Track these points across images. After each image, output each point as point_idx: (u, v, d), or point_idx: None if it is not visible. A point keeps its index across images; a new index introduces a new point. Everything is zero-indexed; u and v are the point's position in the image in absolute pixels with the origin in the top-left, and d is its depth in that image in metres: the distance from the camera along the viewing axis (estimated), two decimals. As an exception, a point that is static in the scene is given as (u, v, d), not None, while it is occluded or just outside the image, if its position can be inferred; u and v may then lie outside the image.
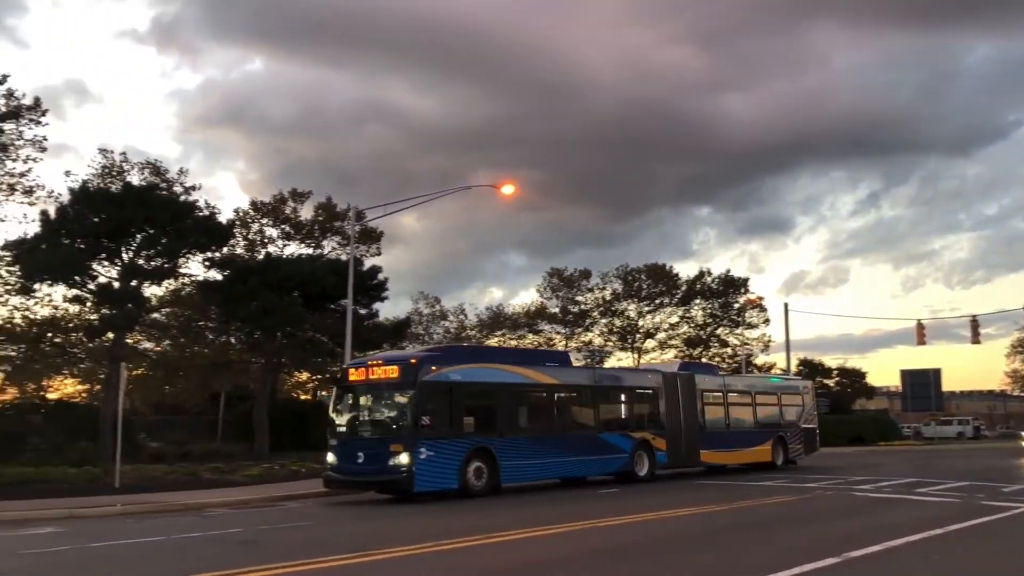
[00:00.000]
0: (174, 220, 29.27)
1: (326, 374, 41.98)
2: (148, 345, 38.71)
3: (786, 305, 49.28)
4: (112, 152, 33.63)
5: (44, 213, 28.04)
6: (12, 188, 28.84)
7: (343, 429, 19.20)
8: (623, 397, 24.57)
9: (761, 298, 64.60)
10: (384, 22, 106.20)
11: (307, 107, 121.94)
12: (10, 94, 28.24)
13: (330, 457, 18.98)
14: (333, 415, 19.59)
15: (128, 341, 30.16)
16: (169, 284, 33.37)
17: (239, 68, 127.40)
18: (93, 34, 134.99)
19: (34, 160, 29.06)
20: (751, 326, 64.23)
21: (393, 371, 18.64)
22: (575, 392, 23.18)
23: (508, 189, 27.57)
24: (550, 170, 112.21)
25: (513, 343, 59.75)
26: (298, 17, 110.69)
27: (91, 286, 29.01)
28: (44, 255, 26.69)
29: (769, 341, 63.73)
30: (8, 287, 29.01)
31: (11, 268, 28.34)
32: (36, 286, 28.73)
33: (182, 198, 31.89)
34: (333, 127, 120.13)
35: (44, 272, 27.47)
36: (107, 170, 32.71)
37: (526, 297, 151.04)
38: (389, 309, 72.97)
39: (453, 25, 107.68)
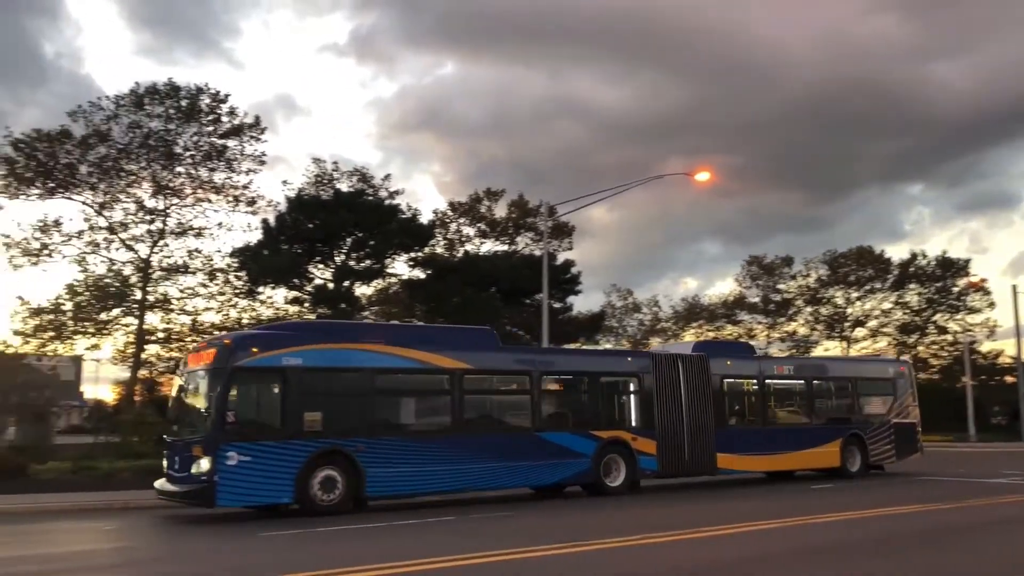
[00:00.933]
0: (380, 223, 31.71)
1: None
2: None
3: (1014, 287, 44.31)
4: (324, 161, 36.48)
5: (265, 221, 31.07)
6: (237, 200, 30.69)
7: (173, 428, 15.35)
8: (582, 386, 18.71)
9: (984, 280, 55.68)
10: (569, 16, 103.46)
11: (497, 107, 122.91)
12: (232, 112, 29.91)
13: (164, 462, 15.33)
14: (169, 410, 15.84)
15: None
16: (377, 284, 35.84)
17: (431, 73, 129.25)
18: (299, 51, 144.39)
19: (255, 172, 30.93)
20: (973, 311, 56.67)
21: (209, 355, 14.45)
22: (498, 381, 17.91)
23: (703, 176, 25.64)
24: (744, 154, 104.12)
25: (711, 335, 55.78)
26: (485, 18, 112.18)
27: (308, 288, 31.69)
28: (266, 260, 29.69)
29: (995, 326, 56.09)
30: (236, 291, 31.12)
31: (239, 273, 30.66)
32: (260, 289, 31.25)
33: (387, 202, 34.03)
34: (522, 125, 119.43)
35: (267, 275, 30.26)
36: (319, 179, 35.24)
37: (723, 287, 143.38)
38: (583, 303, 72.98)
39: (639, 13, 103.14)
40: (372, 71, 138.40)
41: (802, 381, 21.66)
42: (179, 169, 29.79)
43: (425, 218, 37.68)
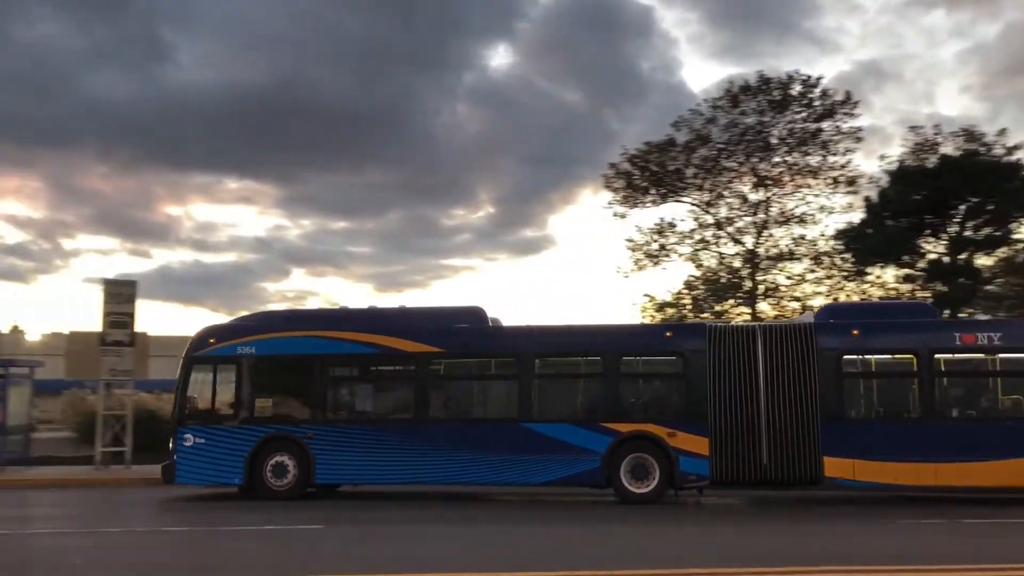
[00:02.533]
0: (998, 184, 28.65)
1: None
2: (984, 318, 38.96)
3: None
4: (922, 128, 33.40)
5: (867, 199, 30.10)
6: (836, 181, 30.66)
7: None
8: (592, 369, 15.11)
9: None
10: None
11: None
12: (824, 93, 30.02)
13: None
14: None
15: (963, 315, 29.70)
16: (1002, 252, 31.82)
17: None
18: (882, 15, 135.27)
19: (851, 151, 30.52)
20: None
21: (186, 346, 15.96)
22: (478, 364, 15.71)
23: None
24: None
25: None
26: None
27: (920, 264, 30.32)
28: (871, 239, 28.88)
29: None
30: (844, 274, 31.25)
31: (844, 256, 30.65)
32: (868, 269, 30.84)
33: (1004, 159, 30.40)
34: None
35: (873, 255, 29.58)
36: (919, 147, 32.57)
37: None
38: None
39: None
40: (969, 15, 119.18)
41: (989, 361, 13.66)
42: (776, 159, 30.17)
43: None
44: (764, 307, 29.48)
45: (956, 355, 14.19)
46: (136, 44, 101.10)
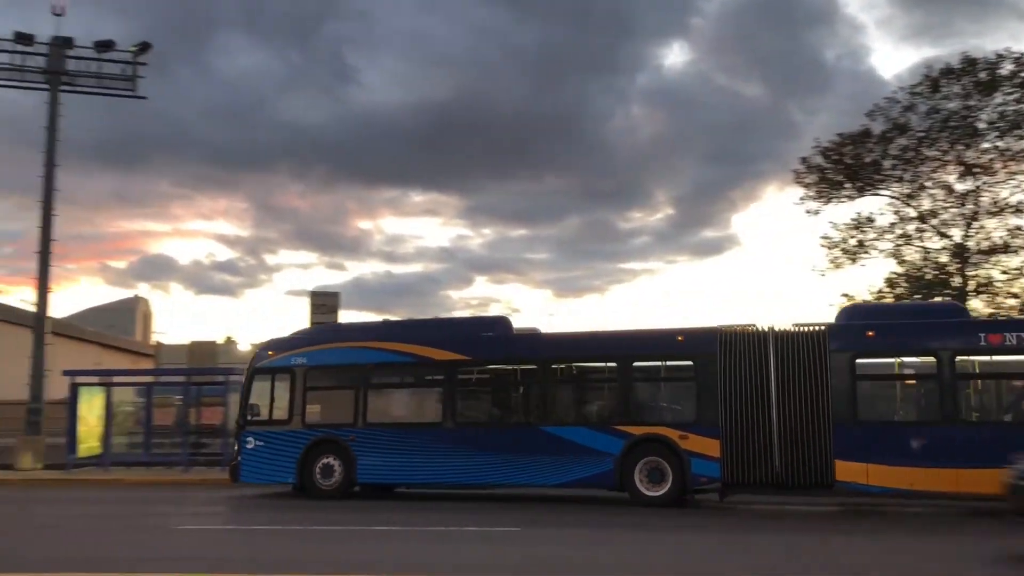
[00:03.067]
0: None
1: None
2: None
3: None
4: None
5: None
6: None
7: None
8: (606, 374, 15.50)
9: None
10: None
11: None
12: None
13: None
14: None
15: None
16: None
17: None
18: None
19: None
20: None
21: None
22: (500, 370, 16.17)
23: None
24: None
25: None
26: None
27: None
28: None
29: None
30: None
31: None
32: None
33: None
34: None
35: None
36: None
37: None
38: None
39: None
40: None
41: None
42: (984, 145, 28.16)
43: None
44: (976, 304, 27.47)
45: (981, 356, 13.37)
46: (325, 69, 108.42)
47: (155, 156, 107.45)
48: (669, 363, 15.18)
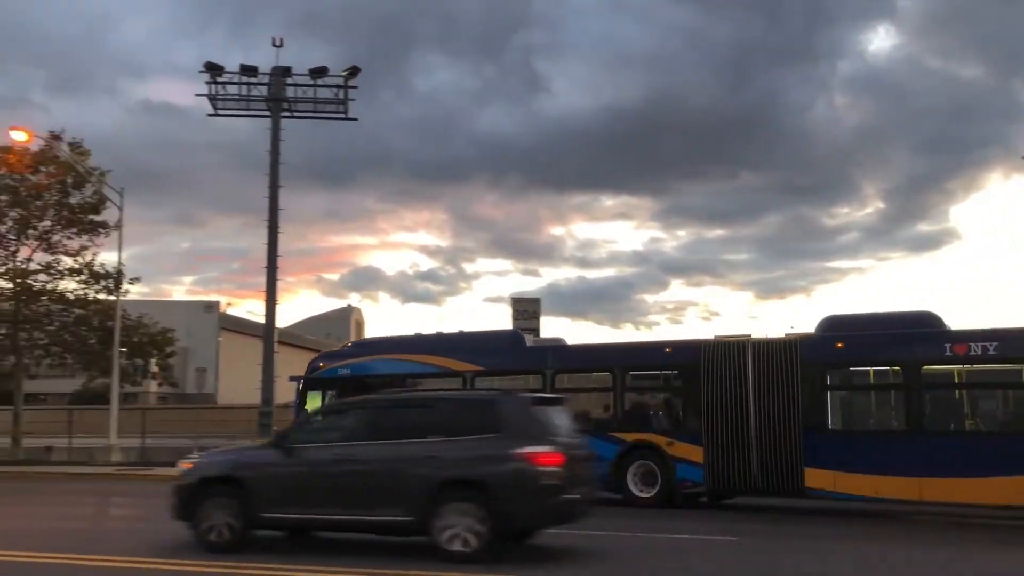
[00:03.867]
0: None
1: None
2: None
3: None
4: None
5: None
6: None
7: None
8: (605, 384, 16.31)
9: None
10: None
11: None
12: None
13: None
14: None
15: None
16: None
17: None
18: None
19: None
20: None
21: (305, 371, 19.42)
22: (510, 380, 17.31)
23: None
24: None
25: None
26: None
27: None
28: None
29: None
30: None
31: None
32: None
33: None
34: None
35: None
36: None
37: None
38: None
39: None
40: None
41: (1012, 367, 12.66)
42: None
43: None
44: None
45: (945, 367, 13.60)
46: (516, 79, 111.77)
47: (361, 174, 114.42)
48: (658, 373, 16.16)
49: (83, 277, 29.98)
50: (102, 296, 30.28)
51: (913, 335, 13.85)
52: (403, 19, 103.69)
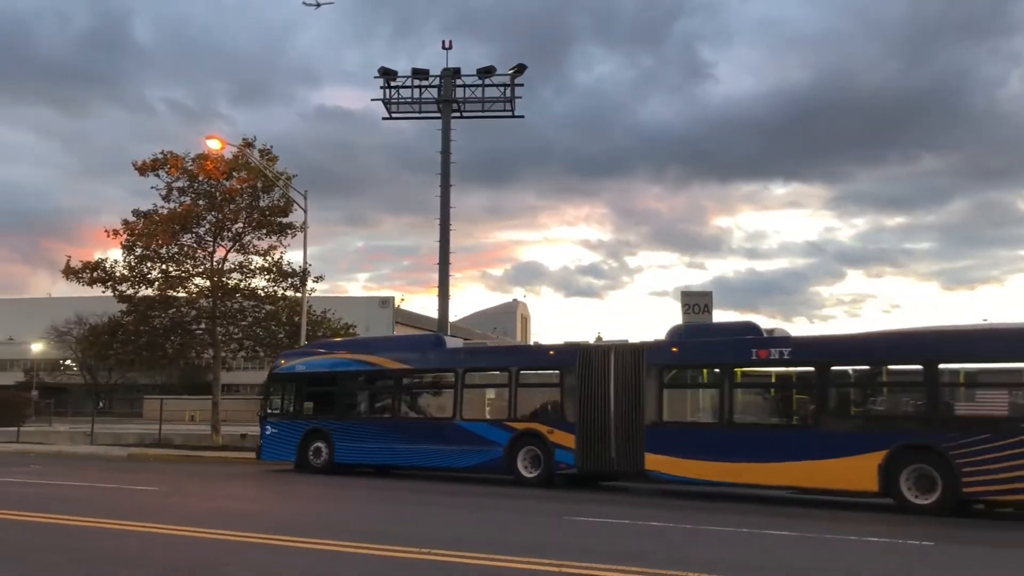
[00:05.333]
0: None
1: None
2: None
3: None
4: None
5: None
6: None
7: None
8: (500, 381, 19.49)
9: None
10: None
11: None
12: None
13: None
14: None
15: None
16: None
17: None
18: None
19: None
20: None
21: (273, 366, 23.16)
22: (429, 376, 20.84)
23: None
24: None
25: None
26: None
27: None
28: None
29: None
30: None
31: None
32: None
33: None
34: None
35: None
36: None
37: None
38: None
39: None
40: None
41: (810, 368, 15.47)
42: None
43: None
44: None
45: (751, 368, 16.47)
46: (677, 68, 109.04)
47: (523, 170, 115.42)
48: (544, 372, 19.28)
49: (272, 275, 32.07)
50: (289, 293, 32.35)
51: (729, 342, 16.76)
52: (559, 14, 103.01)
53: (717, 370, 16.72)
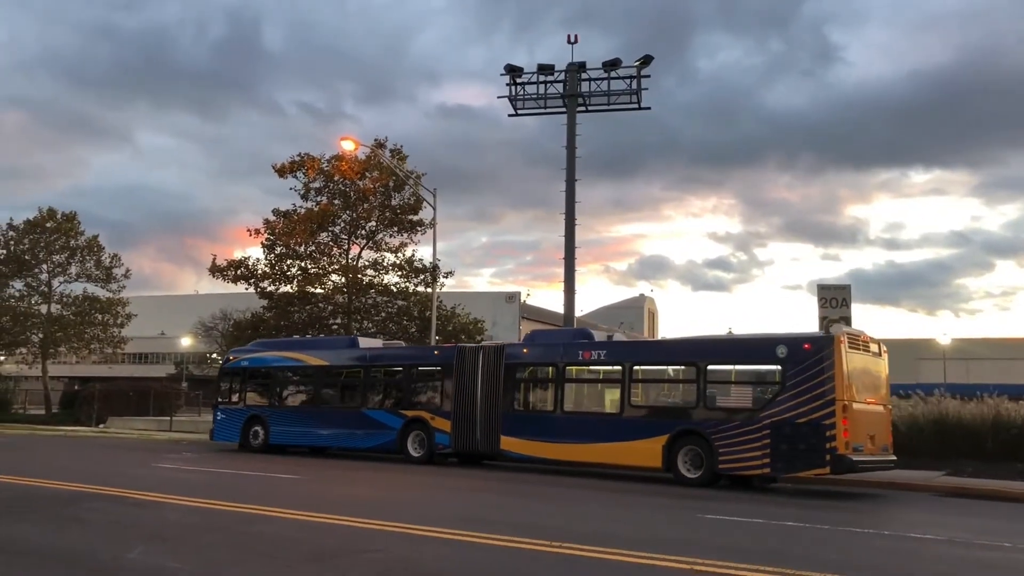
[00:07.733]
0: None
1: None
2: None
3: None
4: None
5: None
6: None
7: None
8: (396, 376, 23.42)
9: None
10: None
11: None
12: None
13: None
14: None
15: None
16: None
17: None
18: None
19: None
20: None
21: (228, 360, 27.41)
22: (343, 372, 24.44)
23: None
24: None
25: None
26: None
27: None
28: None
29: None
30: None
31: None
32: None
33: None
34: None
35: None
36: None
37: None
38: None
39: None
40: None
41: (618, 367, 19.27)
42: None
43: None
44: None
45: (578, 366, 20.25)
46: (807, 51, 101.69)
47: (647, 162, 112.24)
48: (430, 368, 23.20)
49: (404, 272, 33.77)
50: (420, 289, 33.96)
51: (564, 344, 20.63)
52: (682, 1, 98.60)
53: (553, 368, 20.56)
